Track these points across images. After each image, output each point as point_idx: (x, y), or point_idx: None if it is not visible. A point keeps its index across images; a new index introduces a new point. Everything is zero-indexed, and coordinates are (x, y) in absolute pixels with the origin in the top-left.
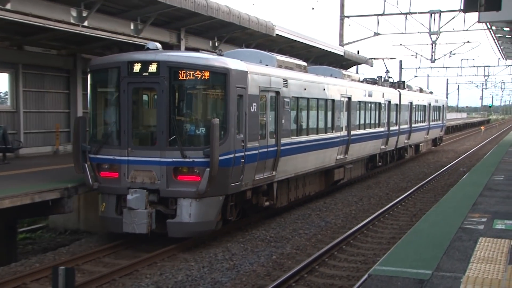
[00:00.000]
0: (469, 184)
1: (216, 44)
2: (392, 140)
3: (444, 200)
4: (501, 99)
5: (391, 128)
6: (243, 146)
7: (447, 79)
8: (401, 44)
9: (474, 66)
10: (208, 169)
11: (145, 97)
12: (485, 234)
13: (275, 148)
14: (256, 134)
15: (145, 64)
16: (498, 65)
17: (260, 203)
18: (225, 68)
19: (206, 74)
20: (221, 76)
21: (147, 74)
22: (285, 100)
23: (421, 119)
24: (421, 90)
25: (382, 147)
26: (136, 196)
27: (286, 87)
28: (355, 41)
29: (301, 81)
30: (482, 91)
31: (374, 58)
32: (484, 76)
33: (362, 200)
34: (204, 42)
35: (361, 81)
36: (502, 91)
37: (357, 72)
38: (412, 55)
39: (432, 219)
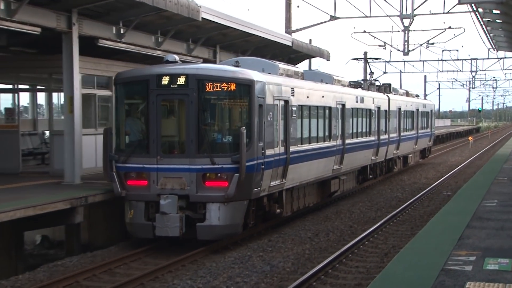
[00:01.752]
0: (453, 212)
1: (122, 31)
2: (382, 151)
3: (422, 233)
4: (492, 101)
5: (381, 137)
6: (262, 153)
7: (425, 76)
8: (365, 31)
9: (458, 59)
10: (237, 174)
11: (172, 108)
12: (473, 277)
13: (285, 156)
14: (272, 142)
15: (174, 77)
16: (488, 58)
17: (272, 210)
18: (250, 80)
19: (232, 86)
20: (246, 87)
21: (176, 86)
22: (293, 108)
23: (410, 127)
24: (407, 94)
25: (373, 157)
26: (168, 201)
27: (293, 95)
28: (306, 27)
29: (305, 89)
30: (469, 91)
31: (358, 59)
32: (471, 72)
33: (319, 235)
34: (105, 29)
35: (348, 86)
36: (494, 91)
37: (309, 68)
38: (379, 46)
39: (408, 259)
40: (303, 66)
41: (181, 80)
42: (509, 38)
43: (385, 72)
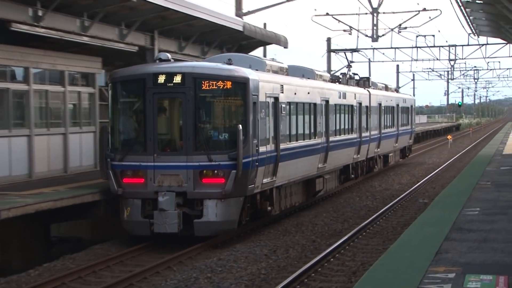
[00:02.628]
0: (430, 222)
1: (40, 14)
2: (364, 149)
3: (395, 248)
4: (474, 95)
5: (363, 135)
6: (257, 150)
7: (397, 66)
8: (327, 14)
9: (434, 46)
10: (234, 171)
11: (168, 106)
12: None
13: (275, 154)
14: (264, 139)
15: (170, 75)
16: (468, 44)
17: (263, 207)
18: (245, 78)
19: (228, 84)
20: (241, 85)
21: (172, 84)
22: (282, 105)
23: (390, 123)
24: (386, 88)
25: (355, 156)
26: (167, 198)
27: (283, 92)
28: (260, 9)
29: (293, 85)
30: (448, 82)
31: (335, 51)
32: (450, 60)
33: (276, 252)
34: (19, 10)
35: (330, 81)
36: (476, 83)
37: (264, 56)
38: (345, 31)
39: (379, 277)
40: (257, 54)
41: (178, 79)
42: (491, 22)
43: (351, 62)
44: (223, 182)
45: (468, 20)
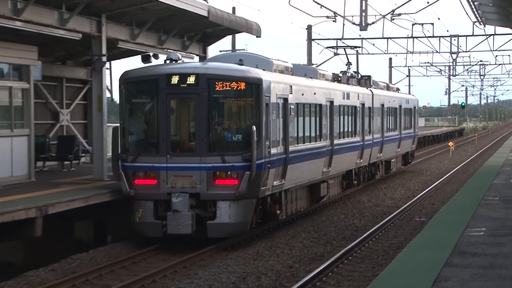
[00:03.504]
0: (428, 245)
1: None
2: (366, 154)
3: (386, 274)
4: (480, 94)
5: (366, 138)
6: (269, 152)
7: (390, 59)
8: None
9: (433, 36)
10: (248, 172)
11: (182, 107)
12: None
13: (284, 156)
14: (275, 141)
15: (184, 76)
16: (472, 35)
17: (273, 210)
18: (259, 79)
19: (242, 85)
20: (255, 87)
21: (185, 85)
22: (291, 106)
23: (393, 126)
24: (388, 87)
25: (358, 161)
26: (180, 199)
27: (291, 93)
28: None
29: (300, 86)
30: (449, 79)
31: (335, 47)
32: (451, 53)
33: (246, 280)
34: None
35: (332, 81)
36: (482, 80)
37: (233, 49)
38: (328, 17)
39: None
40: (224, 44)
41: (191, 80)
42: (500, 9)
43: (336, 54)
44: (236, 183)
45: (473, 6)
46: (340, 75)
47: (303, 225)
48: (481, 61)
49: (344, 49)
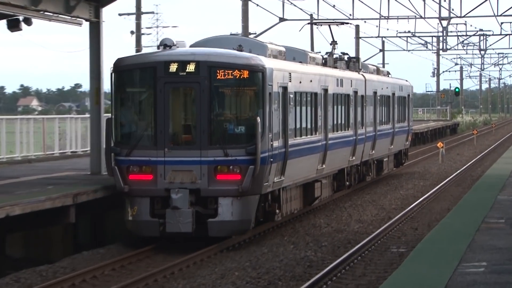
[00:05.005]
0: (409, 286)
1: None
2: (359, 150)
3: None
4: (480, 76)
5: (358, 132)
6: (271, 145)
7: (357, 27)
8: None
9: None
10: (252, 166)
11: (181, 97)
12: None
13: (284, 150)
14: (276, 133)
15: (183, 64)
16: None
17: (272, 209)
18: (262, 67)
19: (245, 73)
20: (258, 75)
21: (185, 73)
22: (290, 96)
23: (385, 119)
24: (378, 71)
25: (350, 158)
26: (180, 195)
27: (291, 81)
28: None
29: (298, 73)
30: (438, 55)
31: (317, 23)
32: (441, 20)
33: None
34: None
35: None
36: (482, 56)
37: (138, 10)
38: None
39: None
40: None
41: (191, 67)
42: None
43: (282, 20)
44: (239, 178)
45: None
46: (325, 57)
47: (236, 259)
48: (481, 30)
49: (329, 25)
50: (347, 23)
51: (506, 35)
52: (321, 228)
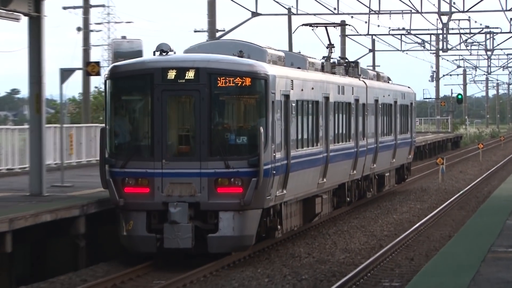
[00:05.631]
0: None
1: None
2: (360, 163)
3: None
4: (486, 81)
5: (360, 144)
6: (274, 156)
7: (343, 23)
8: None
9: None
10: (255, 179)
11: (179, 105)
12: None
13: (286, 162)
14: (279, 144)
15: (182, 70)
16: None
17: (273, 225)
18: (265, 74)
19: (247, 81)
20: (261, 82)
21: (184, 81)
22: (292, 104)
23: (387, 129)
24: (378, 77)
25: (351, 172)
26: (179, 209)
27: (293, 89)
28: None
29: (300, 80)
30: (438, 57)
31: (312, 25)
32: (440, 15)
33: None
34: None
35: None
36: (489, 57)
37: (86, 3)
38: None
39: None
40: None
41: (190, 74)
42: None
43: (254, 14)
44: (241, 191)
45: None
46: (323, 61)
47: None
48: (487, 26)
49: (326, 27)
50: (347, 24)
51: None
52: (300, 258)
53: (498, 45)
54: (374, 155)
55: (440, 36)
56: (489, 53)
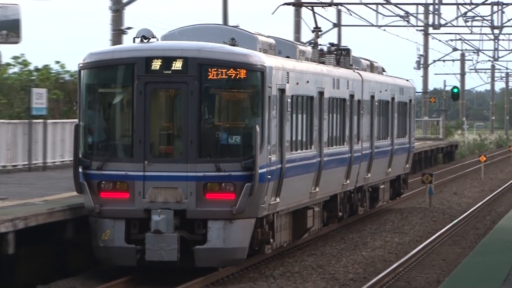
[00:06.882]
0: None
1: None
2: (354, 171)
3: None
4: (492, 70)
5: (354, 148)
6: (269, 159)
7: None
8: None
9: None
10: (249, 184)
11: (165, 100)
12: None
13: (280, 166)
14: (274, 145)
15: (168, 60)
16: None
17: (265, 238)
18: (262, 65)
19: (242, 73)
20: (257, 75)
21: (170, 72)
22: (288, 100)
23: (383, 132)
24: (372, 67)
25: (345, 182)
26: (163, 217)
27: (288, 82)
28: None
29: (296, 72)
30: (426, 39)
31: (295, 4)
32: None
33: None
34: None
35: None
36: (495, 44)
37: None
38: None
39: None
40: None
41: (178, 65)
42: None
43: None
44: (233, 198)
45: None
46: (309, 48)
47: None
48: None
49: (312, 7)
50: (340, 4)
51: None
52: None
53: (509, 20)
54: (369, 163)
55: (431, 8)
56: (496, 31)
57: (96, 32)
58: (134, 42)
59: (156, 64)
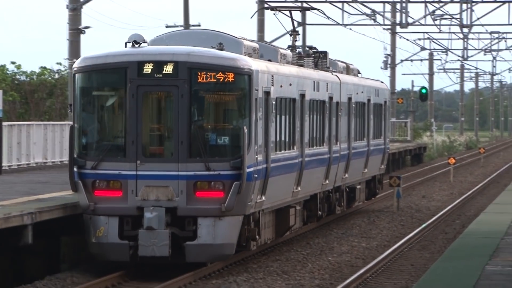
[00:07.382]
0: None
1: None
2: (333, 171)
3: None
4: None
5: (333, 149)
6: (256, 159)
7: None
8: None
9: None
10: (237, 182)
11: (156, 102)
12: None
13: (265, 165)
14: (260, 145)
15: (159, 64)
16: None
17: (252, 235)
18: (249, 69)
19: (230, 76)
20: (244, 78)
21: (161, 75)
22: (272, 102)
23: (360, 133)
24: (348, 69)
25: (324, 182)
26: (155, 214)
27: (273, 85)
28: None
29: (280, 75)
30: (393, 38)
31: (274, 8)
32: None
33: None
34: None
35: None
36: (465, 43)
37: None
38: None
39: None
40: None
41: (169, 69)
42: None
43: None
44: (222, 196)
45: None
46: (289, 51)
47: None
48: None
49: (290, 10)
50: (316, 9)
51: (504, 1)
52: None
53: (478, 18)
54: (347, 163)
55: (398, 6)
56: (465, 30)
57: (52, 31)
58: (125, 46)
59: (148, 68)
